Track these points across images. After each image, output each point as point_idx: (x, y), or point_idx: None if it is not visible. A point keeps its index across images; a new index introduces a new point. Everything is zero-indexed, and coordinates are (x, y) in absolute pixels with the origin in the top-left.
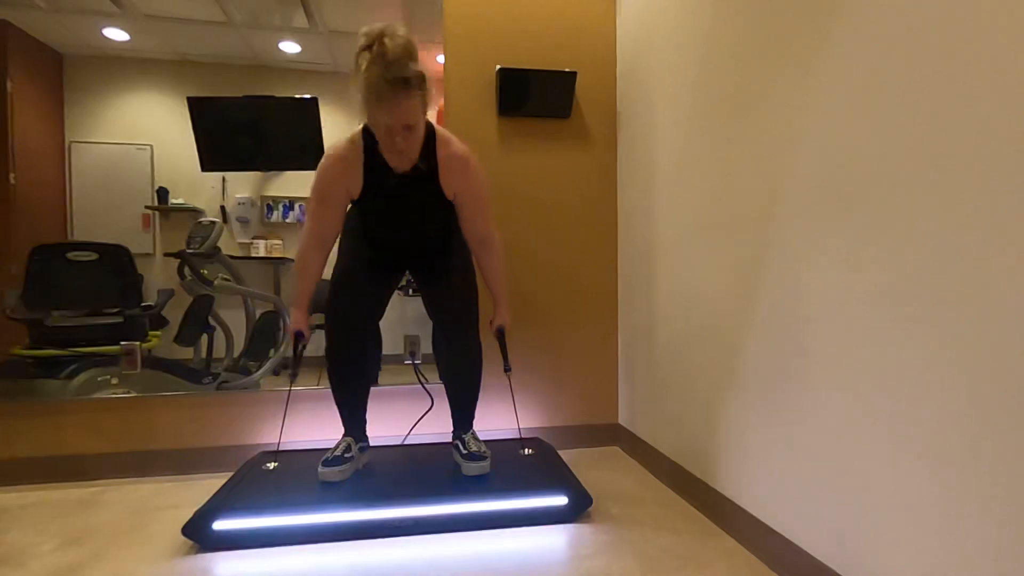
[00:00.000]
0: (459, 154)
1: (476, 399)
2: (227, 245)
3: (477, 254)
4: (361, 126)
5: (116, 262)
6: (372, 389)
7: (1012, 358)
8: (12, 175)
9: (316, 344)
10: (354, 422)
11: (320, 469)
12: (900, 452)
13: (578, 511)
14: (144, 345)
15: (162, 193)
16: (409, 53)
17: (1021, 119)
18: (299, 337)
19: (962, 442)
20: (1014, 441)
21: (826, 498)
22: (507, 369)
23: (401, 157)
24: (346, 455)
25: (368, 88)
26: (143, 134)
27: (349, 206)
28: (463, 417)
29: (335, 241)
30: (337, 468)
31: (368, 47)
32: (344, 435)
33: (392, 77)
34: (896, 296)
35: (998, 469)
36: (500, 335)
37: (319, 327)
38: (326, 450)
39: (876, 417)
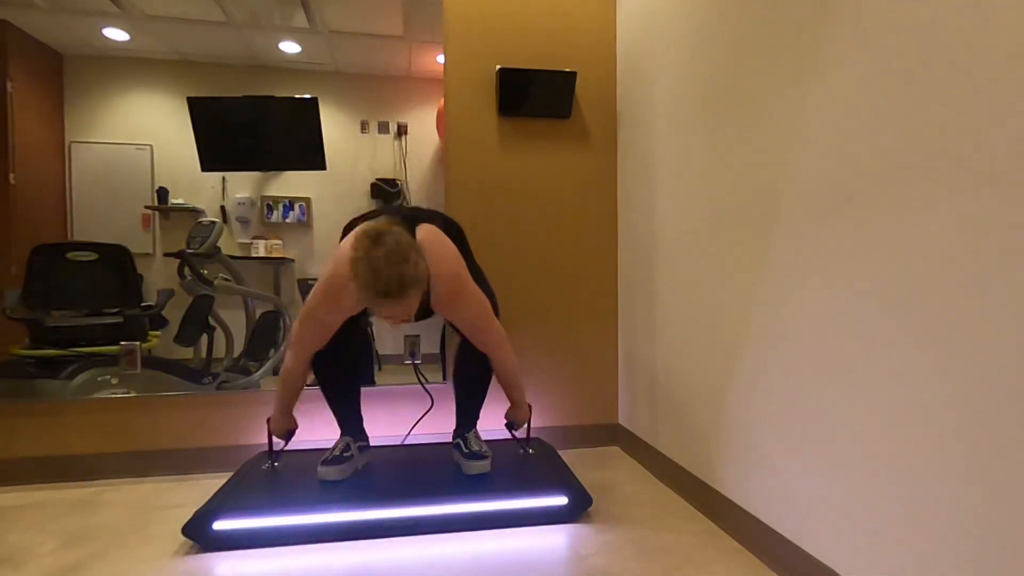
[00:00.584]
0: (447, 293)
1: (483, 400)
2: (227, 245)
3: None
4: None
5: (116, 262)
6: (372, 389)
7: (1012, 360)
8: (12, 175)
9: None
10: (350, 423)
11: (319, 468)
12: (900, 452)
13: (578, 511)
14: (144, 345)
15: (162, 193)
16: (402, 259)
17: (1021, 120)
18: (290, 436)
19: (963, 443)
20: (1017, 443)
21: (826, 498)
22: (525, 446)
23: None
24: (345, 454)
25: (362, 296)
26: (143, 134)
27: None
28: (467, 417)
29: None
30: (336, 467)
31: (363, 254)
32: (342, 435)
33: (385, 290)
34: (897, 297)
35: (999, 471)
36: (509, 428)
37: None
38: (326, 450)
39: (876, 417)
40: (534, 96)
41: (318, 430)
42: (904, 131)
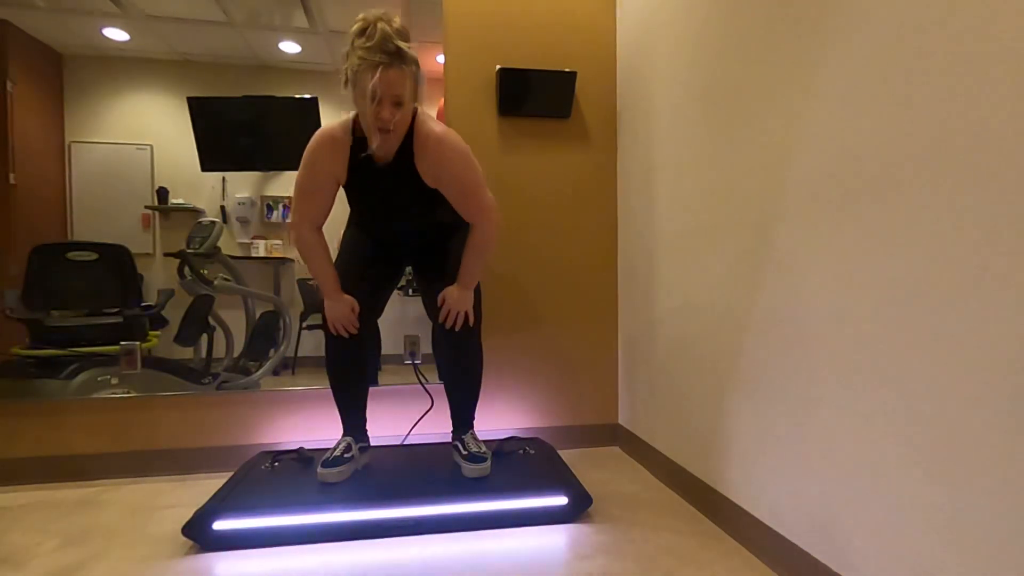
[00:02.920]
0: (434, 134)
1: (476, 400)
2: (227, 245)
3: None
4: (352, 115)
5: (116, 262)
6: (372, 389)
7: (1014, 359)
8: (12, 175)
9: (316, 342)
10: (354, 422)
11: (319, 470)
12: (900, 452)
13: (578, 511)
14: (144, 345)
15: (162, 193)
16: (403, 34)
17: (1021, 119)
18: (355, 315)
19: (964, 443)
20: (1017, 443)
21: (826, 498)
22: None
23: (386, 139)
24: (345, 455)
25: (360, 60)
26: (143, 134)
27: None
28: (463, 418)
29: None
30: (336, 469)
31: (363, 29)
32: (344, 435)
33: (386, 48)
34: (896, 296)
35: (1000, 471)
36: (437, 310)
37: (316, 327)
38: (326, 450)
39: (876, 416)
40: (534, 96)
41: (318, 430)
42: (905, 129)
